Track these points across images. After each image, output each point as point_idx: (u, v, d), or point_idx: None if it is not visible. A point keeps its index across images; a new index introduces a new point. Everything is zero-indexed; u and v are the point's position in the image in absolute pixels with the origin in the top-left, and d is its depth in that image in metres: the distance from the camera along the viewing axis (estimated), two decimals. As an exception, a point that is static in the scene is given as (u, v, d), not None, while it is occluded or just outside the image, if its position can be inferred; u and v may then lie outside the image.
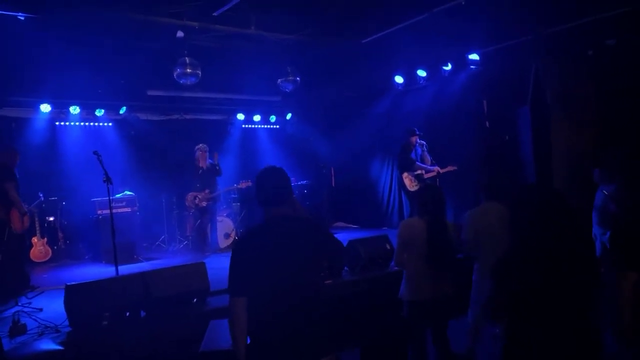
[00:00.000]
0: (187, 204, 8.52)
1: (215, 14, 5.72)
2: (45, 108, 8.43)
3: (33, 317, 4.69)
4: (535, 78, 7.23)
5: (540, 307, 2.15)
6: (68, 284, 4.42)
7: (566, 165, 6.89)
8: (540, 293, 2.15)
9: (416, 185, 7.84)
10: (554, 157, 6.95)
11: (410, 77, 8.93)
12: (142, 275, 4.82)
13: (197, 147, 8.54)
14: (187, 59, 7.09)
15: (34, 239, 7.80)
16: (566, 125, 7.03)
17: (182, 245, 8.87)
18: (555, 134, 7.04)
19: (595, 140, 6.77)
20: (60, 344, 4.03)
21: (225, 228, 8.90)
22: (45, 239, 8.01)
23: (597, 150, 6.36)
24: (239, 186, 8.85)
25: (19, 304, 5.29)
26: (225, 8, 5.52)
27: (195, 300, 5.04)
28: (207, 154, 8.57)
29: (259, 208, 2.62)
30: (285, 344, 2.39)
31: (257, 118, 11.07)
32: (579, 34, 6.71)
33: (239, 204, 9.62)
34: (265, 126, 11.59)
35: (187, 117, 10.32)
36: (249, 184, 8.76)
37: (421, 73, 8.66)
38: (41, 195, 7.52)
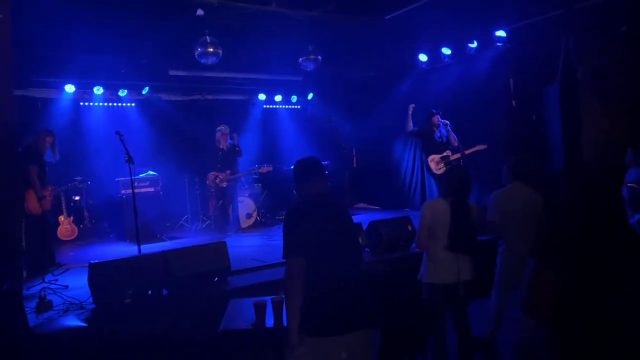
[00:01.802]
0: (208, 182, 8.57)
1: (235, -10, 5.65)
2: (70, 88, 8.54)
3: (59, 294, 4.79)
4: (565, 55, 6.96)
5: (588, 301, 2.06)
6: (92, 262, 4.48)
7: (597, 146, 6.66)
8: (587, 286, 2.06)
9: (442, 168, 7.69)
10: (584, 137, 6.72)
11: (434, 55, 8.73)
12: (164, 254, 4.85)
13: (218, 128, 8.56)
14: (208, 38, 7.04)
15: (61, 218, 7.96)
16: (597, 104, 6.78)
17: (204, 225, 8.95)
18: (585, 113, 6.80)
19: (628, 119, 6.52)
20: (84, 320, 4.10)
21: (247, 208, 8.93)
22: (72, 217, 8.17)
23: (630, 129, 6.14)
24: (260, 170, 8.87)
25: (46, 280, 5.41)
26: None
27: (216, 279, 5.08)
28: (228, 135, 8.58)
29: (291, 187, 2.94)
30: (344, 312, 2.49)
31: (278, 98, 11.00)
32: (612, 9, 6.42)
33: (260, 184, 9.63)
34: (287, 106, 11.52)
35: (209, 97, 10.32)
36: (270, 168, 8.82)
37: (446, 51, 8.46)
38: (77, 178, 7.65)
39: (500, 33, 7.60)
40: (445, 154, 7.80)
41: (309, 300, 2.47)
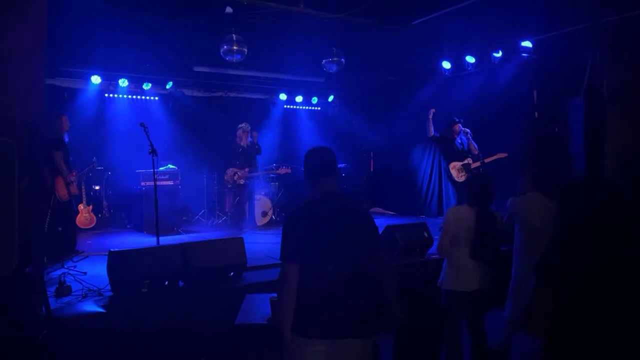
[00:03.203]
0: (226, 178, 8.63)
1: (264, -11, 5.70)
2: (96, 79, 8.69)
3: (77, 280, 4.88)
4: (592, 68, 6.90)
5: (584, 319, 2.04)
6: (111, 249, 4.56)
7: (619, 162, 6.59)
8: (585, 303, 2.04)
9: (463, 176, 7.66)
10: (607, 152, 6.65)
11: (458, 63, 8.70)
12: (182, 246, 4.92)
13: (239, 125, 8.63)
14: (234, 36, 7.12)
15: (80, 206, 8.08)
16: (622, 119, 6.70)
17: (220, 221, 9.03)
18: (609, 128, 6.73)
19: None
20: (102, 306, 4.17)
21: (262, 206, 9.00)
22: (91, 206, 8.29)
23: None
24: (278, 171, 8.94)
25: (65, 266, 5.51)
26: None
27: (232, 274, 5.13)
28: (249, 133, 8.65)
29: (305, 186, 2.71)
30: (330, 318, 2.42)
31: (299, 99, 11.06)
32: (639, 24, 6.34)
33: (277, 183, 9.69)
34: (307, 107, 11.58)
35: (231, 94, 10.43)
36: (288, 170, 8.89)
37: (470, 59, 8.42)
38: (94, 159, 7.76)
39: (526, 44, 7.54)
40: (466, 161, 7.78)
41: (301, 301, 2.46)
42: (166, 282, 4.70)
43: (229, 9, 5.93)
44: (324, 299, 2.44)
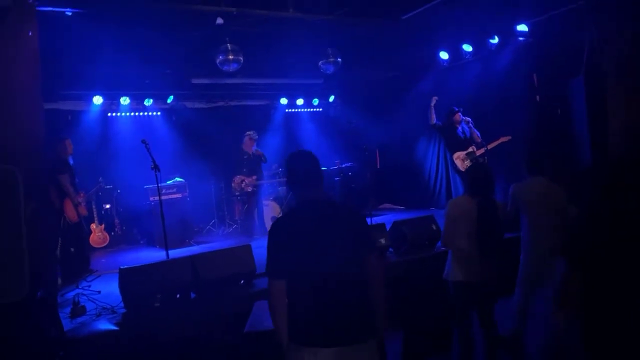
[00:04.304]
0: (233, 186, 8.68)
1: (252, -3, 5.74)
2: (97, 100, 8.80)
3: (91, 299, 4.96)
4: (590, 45, 6.81)
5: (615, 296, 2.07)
6: (121, 267, 4.63)
7: (624, 139, 6.50)
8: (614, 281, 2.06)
9: (468, 164, 7.65)
10: (610, 130, 6.56)
11: (455, 52, 8.65)
12: (191, 258, 4.98)
13: (246, 133, 8.69)
14: (229, 46, 7.15)
15: (93, 226, 8.21)
16: (624, 95, 6.61)
17: (231, 229, 9.10)
18: (612, 105, 6.64)
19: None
20: (116, 324, 4.24)
21: (272, 211, 9.03)
22: (103, 225, 8.42)
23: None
24: (285, 178, 8.96)
25: (79, 287, 5.60)
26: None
27: (242, 281, 5.17)
28: (255, 141, 8.71)
29: (289, 191, 2.64)
30: (324, 329, 2.37)
31: (300, 102, 11.09)
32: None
33: (284, 187, 9.73)
34: (309, 109, 11.60)
35: (232, 103, 10.50)
36: None
37: (467, 48, 8.37)
38: (101, 179, 7.88)
39: (522, 27, 7.48)
40: (470, 150, 7.74)
41: (293, 309, 2.44)
42: (178, 295, 4.76)
43: (219, 20, 5.98)
44: (314, 307, 2.39)
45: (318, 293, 2.39)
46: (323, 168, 2.68)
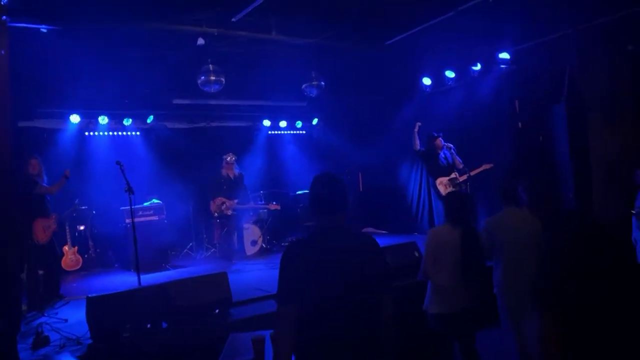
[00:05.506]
0: (212, 208, 8.50)
1: (233, 19, 5.67)
2: (75, 119, 8.59)
3: (55, 329, 4.70)
4: (570, 75, 6.89)
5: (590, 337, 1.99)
6: (89, 295, 4.40)
7: (605, 166, 6.53)
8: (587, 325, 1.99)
9: (451, 190, 7.59)
10: (592, 157, 6.59)
11: (438, 78, 8.69)
12: (163, 286, 4.78)
13: (224, 156, 8.58)
14: (211, 66, 7.08)
15: (65, 248, 7.92)
16: (604, 123, 6.66)
17: (209, 253, 8.87)
18: (592, 133, 6.69)
19: (635, 139, 6.39)
20: (79, 358, 4.00)
21: (252, 235, 8.84)
22: (76, 247, 8.13)
23: (638, 149, 6.01)
24: (268, 207, 8.85)
25: (45, 314, 5.33)
26: (242, 14, 5.46)
27: (217, 310, 4.96)
28: (234, 164, 8.58)
29: (309, 216, 2.54)
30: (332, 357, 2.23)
31: (283, 124, 11.01)
32: (617, 29, 6.36)
33: (265, 210, 9.57)
34: (292, 132, 11.52)
35: (213, 124, 10.34)
36: (278, 207, 8.84)
37: (449, 74, 8.41)
38: (77, 201, 7.65)
39: (504, 55, 7.54)
40: (452, 176, 7.70)
41: (301, 339, 2.29)
42: (148, 325, 4.53)
43: (200, 41, 5.90)
44: (324, 339, 2.25)
45: (330, 324, 2.23)
46: (303, 191, 2.55)
